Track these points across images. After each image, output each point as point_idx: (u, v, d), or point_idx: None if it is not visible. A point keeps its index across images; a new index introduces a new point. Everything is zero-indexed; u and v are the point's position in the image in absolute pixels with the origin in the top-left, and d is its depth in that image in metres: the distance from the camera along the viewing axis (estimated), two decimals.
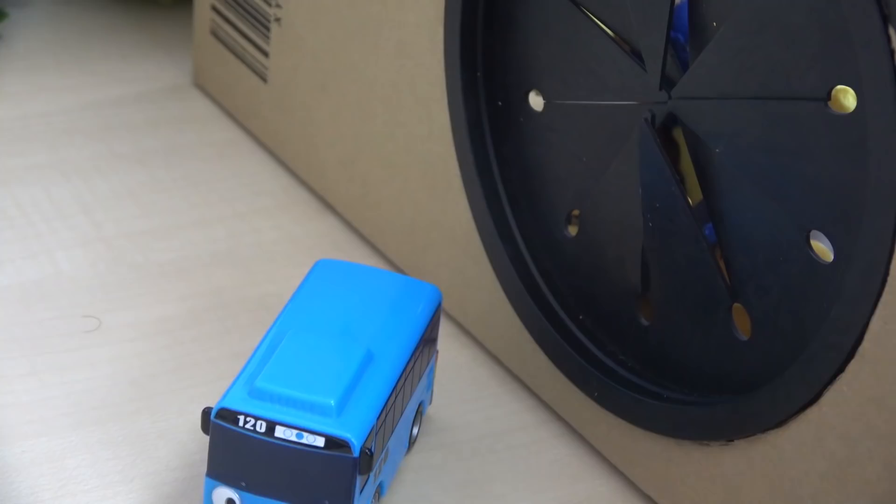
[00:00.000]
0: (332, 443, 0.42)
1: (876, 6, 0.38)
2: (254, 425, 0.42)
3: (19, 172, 0.62)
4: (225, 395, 0.43)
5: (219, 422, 0.43)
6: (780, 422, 0.43)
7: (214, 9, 0.66)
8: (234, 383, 0.44)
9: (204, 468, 0.48)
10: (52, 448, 0.48)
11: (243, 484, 0.43)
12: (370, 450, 0.42)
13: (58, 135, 0.64)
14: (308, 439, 0.42)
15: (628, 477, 0.50)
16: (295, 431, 0.42)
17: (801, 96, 0.41)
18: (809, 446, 0.42)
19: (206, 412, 0.43)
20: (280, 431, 0.42)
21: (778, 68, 0.42)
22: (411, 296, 0.48)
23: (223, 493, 0.43)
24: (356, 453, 0.42)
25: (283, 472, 0.42)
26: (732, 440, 0.45)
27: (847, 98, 0.40)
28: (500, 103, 0.52)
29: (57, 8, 0.74)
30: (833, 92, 0.41)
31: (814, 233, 0.42)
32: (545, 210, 0.51)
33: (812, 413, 0.42)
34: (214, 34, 0.67)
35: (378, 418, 0.43)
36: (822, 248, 0.43)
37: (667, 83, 0.45)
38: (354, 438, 0.42)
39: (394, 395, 0.45)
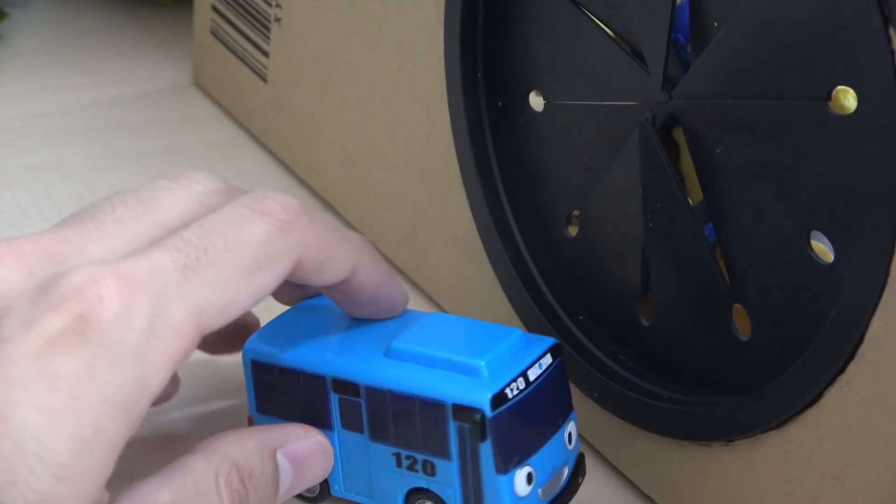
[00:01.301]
0: (555, 352, 0.45)
1: (876, 6, 0.38)
2: (517, 387, 0.43)
3: (19, 172, 0.62)
4: (469, 394, 0.42)
5: (497, 411, 0.42)
6: (780, 422, 0.43)
7: (214, 9, 0.66)
8: (449, 393, 0.43)
9: None
10: None
11: (529, 450, 0.43)
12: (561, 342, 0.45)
13: (58, 135, 0.64)
14: (545, 362, 0.44)
15: (628, 477, 0.50)
16: (536, 365, 0.44)
17: (802, 96, 0.41)
18: (809, 446, 0.42)
19: (477, 419, 0.42)
20: (532, 373, 0.43)
21: (778, 68, 0.42)
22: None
23: (522, 473, 0.43)
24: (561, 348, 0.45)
25: (544, 409, 0.44)
26: (733, 440, 0.45)
27: (847, 98, 0.40)
28: (500, 103, 0.52)
29: (57, 8, 0.74)
30: (833, 92, 0.41)
31: (814, 233, 0.42)
32: (545, 210, 0.51)
33: (812, 413, 0.42)
34: (214, 34, 0.67)
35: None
36: (823, 248, 0.43)
37: (668, 83, 0.45)
38: (556, 340, 0.45)
39: None
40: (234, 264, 0.40)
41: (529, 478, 0.43)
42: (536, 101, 0.51)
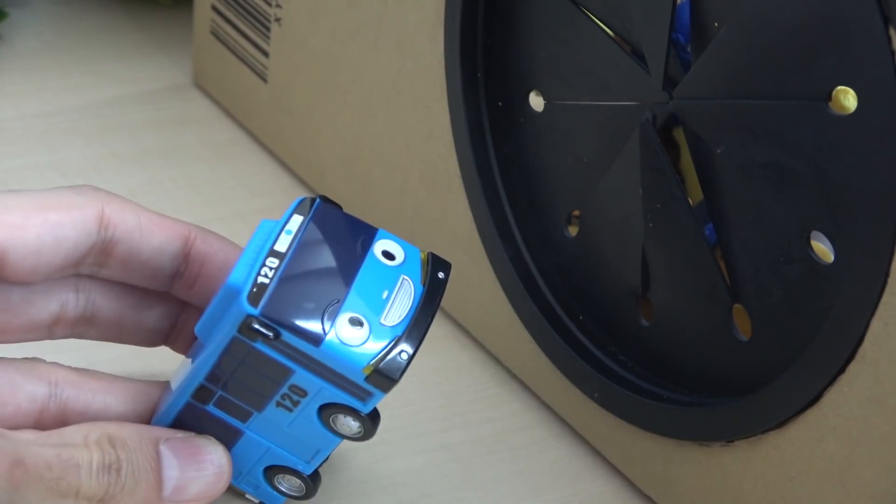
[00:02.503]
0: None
1: (876, 6, 0.38)
2: (270, 266, 0.42)
3: (19, 172, 0.62)
4: (235, 315, 0.41)
5: (261, 304, 0.41)
6: (780, 422, 0.43)
7: (214, 9, 0.66)
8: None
9: None
10: None
11: None
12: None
13: (58, 135, 0.64)
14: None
15: (628, 477, 0.50)
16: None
17: (802, 96, 0.41)
18: (810, 447, 0.42)
19: (249, 320, 0.41)
20: (279, 246, 0.42)
21: (778, 68, 0.42)
22: None
23: (343, 321, 0.41)
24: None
25: None
26: (733, 441, 0.45)
27: (847, 98, 0.40)
28: (500, 104, 0.52)
29: (57, 8, 0.74)
30: (833, 92, 0.41)
31: (814, 233, 0.42)
32: (545, 210, 0.51)
33: (812, 414, 0.42)
34: (214, 34, 0.67)
35: None
36: (823, 248, 0.43)
37: (668, 83, 0.45)
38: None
39: None
40: (24, 198, 0.42)
41: (355, 321, 0.41)
42: (536, 101, 0.51)
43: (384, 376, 0.41)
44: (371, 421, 0.43)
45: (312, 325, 0.41)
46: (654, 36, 0.45)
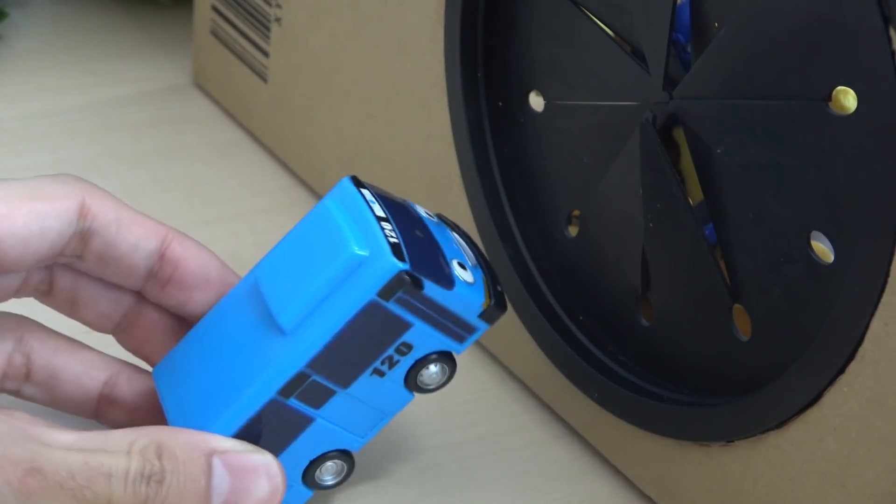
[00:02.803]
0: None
1: (876, 6, 0.38)
2: (389, 230, 0.43)
3: (19, 172, 0.62)
4: (382, 269, 0.42)
5: (404, 260, 0.43)
6: (780, 422, 0.43)
7: (214, 9, 0.66)
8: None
9: None
10: None
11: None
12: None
13: (58, 135, 0.64)
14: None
15: (629, 478, 0.50)
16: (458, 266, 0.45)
17: (802, 96, 0.41)
18: (810, 447, 0.42)
19: (401, 273, 0.42)
20: (377, 211, 0.44)
21: (779, 68, 0.42)
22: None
23: (455, 266, 0.44)
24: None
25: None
26: (733, 441, 0.45)
27: (847, 98, 0.40)
28: (500, 104, 0.52)
29: (57, 8, 0.74)
30: (833, 92, 0.41)
31: (814, 233, 0.42)
32: (545, 210, 0.51)
33: (812, 414, 0.42)
34: (214, 34, 0.67)
35: None
36: (823, 248, 0.43)
37: (669, 83, 0.45)
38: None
39: None
40: (9, 188, 0.43)
41: (461, 265, 0.44)
42: (536, 101, 0.51)
43: (498, 308, 0.44)
44: (455, 363, 0.45)
45: (444, 273, 0.43)
46: (655, 36, 0.45)
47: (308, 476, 0.45)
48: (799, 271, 0.43)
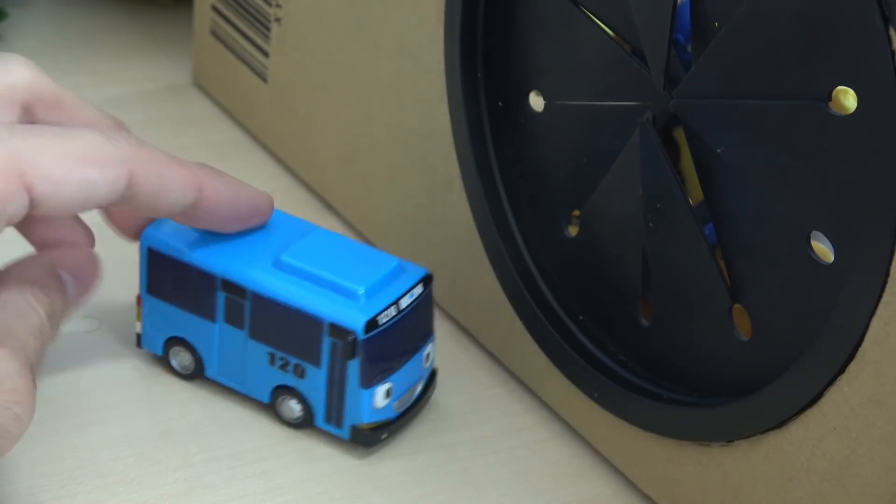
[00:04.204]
0: (426, 281, 0.50)
1: (876, 6, 0.38)
2: (388, 315, 0.48)
3: None
4: (347, 317, 0.47)
5: (368, 335, 0.47)
6: (780, 422, 0.43)
7: (214, 9, 0.66)
8: (327, 313, 0.47)
9: (204, 469, 0.48)
10: (52, 448, 0.48)
11: (391, 369, 0.49)
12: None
13: None
14: (416, 292, 0.49)
15: (628, 477, 0.50)
16: (408, 294, 0.49)
17: (802, 96, 0.41)
18: (810, 447, 0.42)
19: (351, 339, 0.47)
20: (403, 302, 0.49)
21: (779, 68, 0.42)
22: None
23: (381, 389, 0.49)
24: (430, 276, 0.50)
25: (409, 333, 0.49)
26: (733, 441, 0.45)
27: (847, 98, 0.40)
28: (500, 103, 0.52)
29: (57, 8, 0.74)
30: (833, 92, 0.41)
31: (814, 233, 0.42)
32: (545, 210, 0.51)
33: (812, 414, 0.42)
34: (214, 34, 0.67)
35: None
36: (823, 248, 0.43)
37: (669, 83, 0.45)
38: (425, 270, 0.50)
39: None
40: (62, 142, 0.42)
41: (388, 392, 0.49)
42: (536, 101, 0.51)
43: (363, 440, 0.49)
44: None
45: (370, 375, 0.48)
46: (655, 36, 0.45)
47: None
48: (799, 271, 0.43)
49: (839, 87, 0.40)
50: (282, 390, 0.49)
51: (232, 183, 0.48)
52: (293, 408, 0.49)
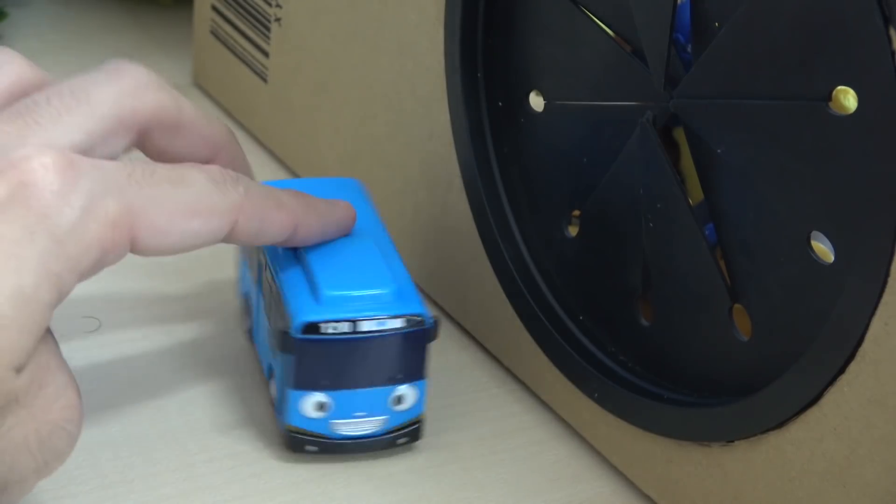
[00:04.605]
0: (411, 321, 0.47)
1: (876, 6, 0.38)
2: (336, 328, 0.46)
3: None
4: (298, 312, 0.47)
5: (304, 336, 0.46)
6: (780, 423, 0.43)
7: (214, 9, 0.66)
8: (291, 302, 0.47)
9: (205, 470, 0.48)
10: None
11: (330, 384, 0.47)
12: (436, 317, 0.48)
13: None
14: (389, 325, 0.47)
15: (628, 477, 0.50)
16: (376, 321, 0.47)
17: (802, 96, 0.41)
18: (810, 447, 0.42)
19: (286, 332, 0.47)
20: (365, 326, 0.47)
21: (779, 68, 0.42)
22: (346, 193, 0.52)
23: (312, 398, 0.48)
24: (429, 323, 0.47)
25: (368, 362, 0.47)
26: (733, 441, 0.45)
27: (847, 98, 0.40)
28: (500, 104, 0.52)
29: (57, 8, 0.74)
30: (834, 92, 0.41)
31: (814, 233, 0.42)
32: (545, 210, 0.51)
33: (812, 414, 0.42)
34: (214, 34, 0.67)
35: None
36: (823, 248, 0.43)
37: (669, 83, 0.45)
38: (424, 312, 0.47)
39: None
40: (174, 194, 0.42)
41: (321, 406, 0.48)
42: (536, 101, 0.51)
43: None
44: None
45: (302, 378, 0.47)
46: (655, 36, 0.45)
47: None
48: (799, 271, 0.43)
49: (839, 87, 0.40)
50: (271, 370, 0.50)
51: (323, 214, 0.48)
52: (272, 389, 0.49)
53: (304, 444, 0.48)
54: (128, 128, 0.45)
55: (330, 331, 0.46)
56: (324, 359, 0.47)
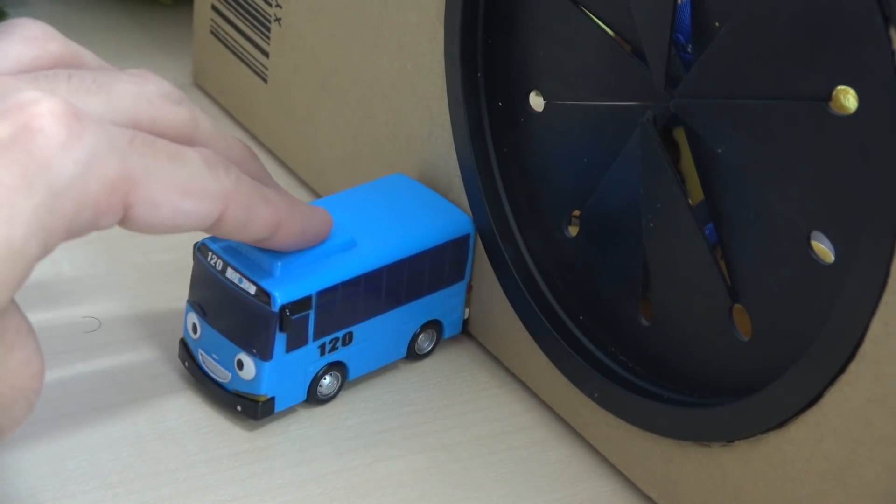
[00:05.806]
0: (261, 292, 0.48)
1: (877, 6, 0.38)
2: (215, 262, 0.49)
3: None
4: (211, 238, 0.49)
5: (197, 254, 0.49)
6: (780, 423, 0.43)
7: (214, 9, 0.66)
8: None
9: (204, 469, 0.48)
10: (52, 448, 0.48)
11: (204, 312, 0.50)
12: (291, 310, 0.48)
13: None
14: (245, 285, 0.48)
15: (628, 477, 0.50)
16: (238, 276, 0.48)
17: (802, 96, 0.41)
18: (810, 447, 0.42)
19: (196, 244, 0.49)
20: (229, 272, 0.49)
21: (779, 68, 0.42)
22: (442, 216, 0.52)
23: (191, 316, 0.50)
24: (276, 308, 0.48)
25: (228, 311, 0.49)
26: (733, 441, 0.45)
27: (848, 98, 0.40)
28: (500, 104, 0.52)
29: (57, 8, 0.74)
30: (834, 92, 0.41)
31: (814, 233, 0.42)
32: (545, 210, 0.51)
33: (812, 414, 0.42)
34: (214, 34, 0.67)
35: (322, 292, 0.49)
36: (823, 248, 0.43)
37: (669, 83, 0.45)
38: (279, 294, 0.48)
39: (363, 284, 0.50)
40: (171, 168, 0.41)
41: (194, 328, 0.50)
42: (536, 101, 0.51)
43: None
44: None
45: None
46: (655, 36, 0.45)
47: None
48: (799, 271, 0.43)
49: (839, 87, 0.40)
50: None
51: (305, 218, 0.48)
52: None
53: (185, 358, 0.51)
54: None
55: (210, 259, 0.49)
56: (202, 282, 0.49)
